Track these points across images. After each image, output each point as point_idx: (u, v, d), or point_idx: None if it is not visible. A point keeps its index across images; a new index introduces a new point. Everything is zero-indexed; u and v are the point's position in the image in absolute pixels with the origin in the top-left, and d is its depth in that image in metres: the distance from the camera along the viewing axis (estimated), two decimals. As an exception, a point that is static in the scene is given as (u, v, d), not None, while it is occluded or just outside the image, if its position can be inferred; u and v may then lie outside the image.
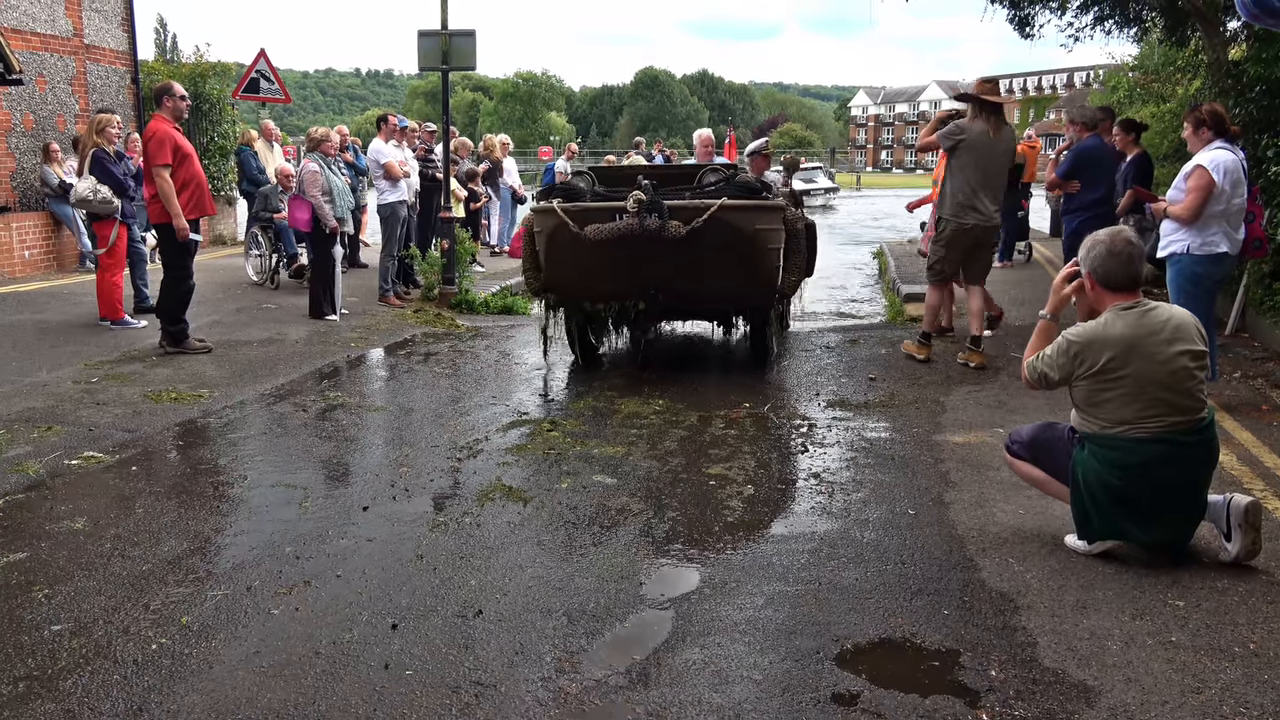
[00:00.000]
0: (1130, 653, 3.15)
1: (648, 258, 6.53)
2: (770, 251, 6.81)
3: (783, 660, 3.14)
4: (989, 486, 4.74)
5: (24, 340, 8.28)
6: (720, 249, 6.52)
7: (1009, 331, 8.79)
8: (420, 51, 10.88)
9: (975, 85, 7.63)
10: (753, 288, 6.90)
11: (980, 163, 7.28)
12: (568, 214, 6.55)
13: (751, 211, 6.58)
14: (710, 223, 6.39)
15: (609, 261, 6.62)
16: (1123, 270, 3.75)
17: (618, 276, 6.79)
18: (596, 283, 6.93)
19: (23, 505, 4.58)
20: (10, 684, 3.01)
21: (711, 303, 7.29)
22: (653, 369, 7.50)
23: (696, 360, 8.22)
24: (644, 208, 6.32)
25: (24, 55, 12.56)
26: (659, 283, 6.78)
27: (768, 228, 6.69)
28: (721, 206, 6.42)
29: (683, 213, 6.43)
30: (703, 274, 6.69)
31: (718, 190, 6.73)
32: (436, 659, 3.16)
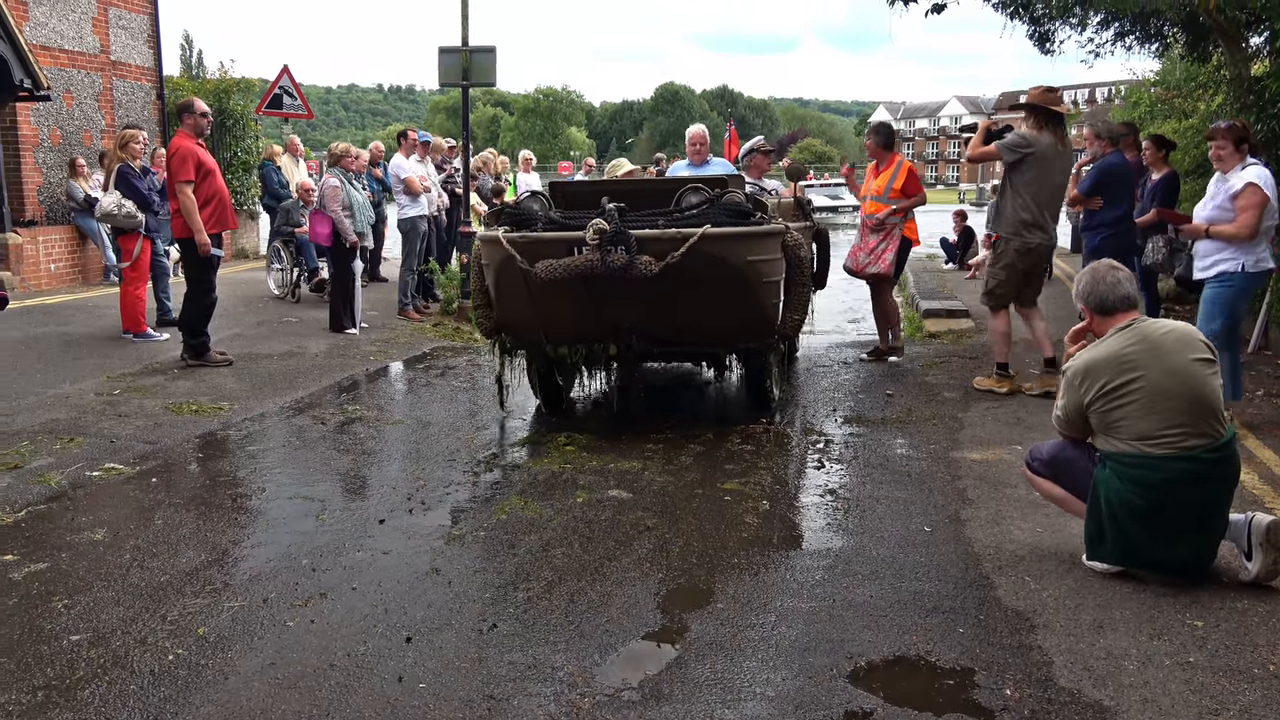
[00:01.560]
0: (1147, 673, 3.12)
1: (617, 296, 5.56)
2: (767, 286, 5.80)
3: (796, 677, 3.13)
4: (1006, 504, 4.71)
5: (49, 352, 8.38)
6: (705, 286, 5.51)
7: (1030, 346, 8.74)
8: (441, 67, 10.98)
9: (1037, 94, 6.94)
10: (746, 330, 5.89)
11: (1047, 178, 6.77)
12: (515, 246, 5.56)
13: (742, 241, 5.56)
14: (690, 256, 5.36)
15: (570, 300, 5.64)
16: (1112, 292, 3.83)
17: (582, 317, 5.79)
18: (556, 323, 5.90)
19: (45, 516, 4.63)
20: (29, 693, 3.04)
21: (697, 346, 6.24)
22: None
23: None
24: (606, 239, 5.32)
25: (52, 71, 12.75)
26: (632, 324, 5.76)
27: (763, 258, 5.70)
28: (704, 236, 5.38)
29: (656, 245, 5.40)
30: (684, 315, 5.69)
31: (700, 215, 5.62)
32: (450, 672, 3.17)
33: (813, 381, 7.62)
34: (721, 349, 6.27)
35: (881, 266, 8.01)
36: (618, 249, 5.33)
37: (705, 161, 8.24)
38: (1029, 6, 11.79)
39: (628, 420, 6.40)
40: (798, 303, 6.12)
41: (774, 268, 5.83)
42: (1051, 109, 6.83)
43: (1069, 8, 11.66)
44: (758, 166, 8.29)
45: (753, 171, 8.17)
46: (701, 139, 8.38)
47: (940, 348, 8.98)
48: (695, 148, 8.32)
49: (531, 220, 5.83)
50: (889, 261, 8.00)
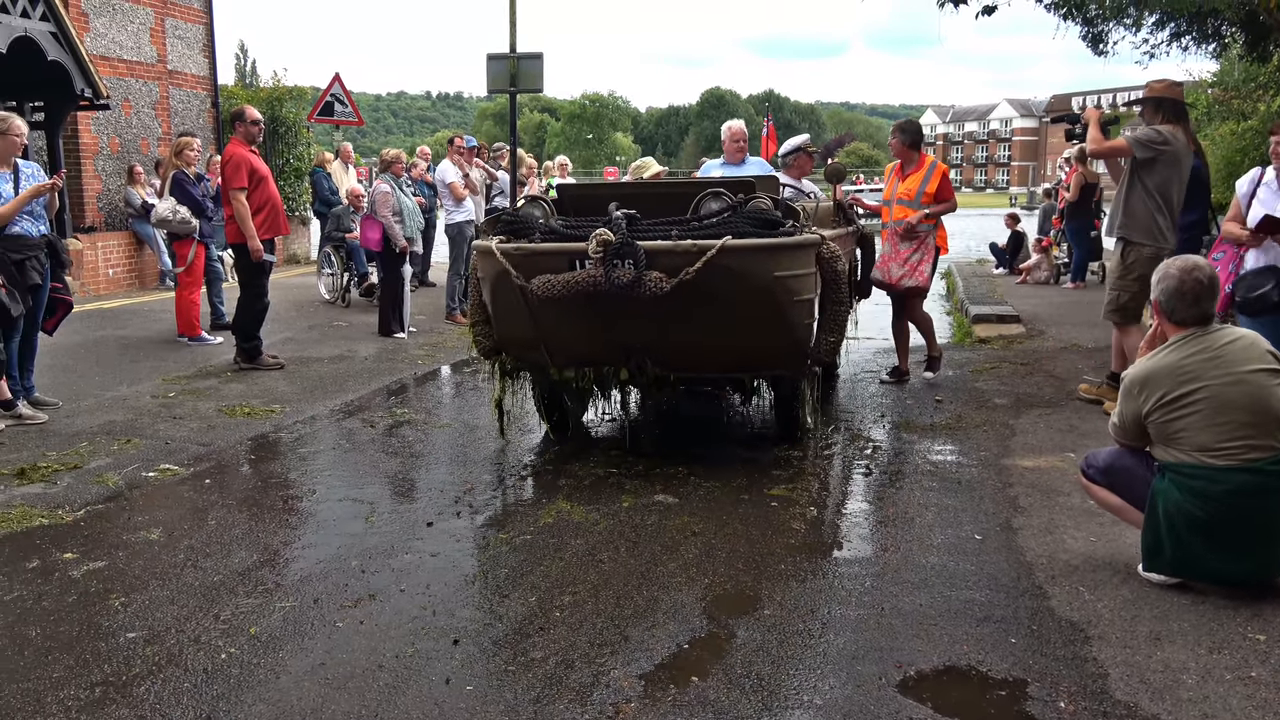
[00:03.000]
0: (1207, 687, 3.04)
1: (625, 316, 4.99)
2: (798, 305, 5.14)
3: (844, 685, 3.10)
4: (1059, 512, 4.63)
5: (106, 355, 8.57)
6: (725, 305, 4.94)
7: (1082, 353, 8.60)
8: (489, 74, 11.10)
9: (1163, 87, 6.35)
10: (774, 354, 5.28)
11: (1180, 180, 6.24)
12: (509, 258, 5.02)
13: (768, 254, 4.93)
14: (708, 271, 4.76)
15: (574, 319, 5.10)
16: (1189, 310, 3.70)
17: (588, 338, 5.23)
18: (560, 345, 5.34)
19: (102, 515, 4.73)
20: (88, 688, 3.10)
21: (719, 371, 5.52)
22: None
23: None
24: (611, 253, 4.77)
25: (111, 81, 13.05)
26: (644, 346, 5.19)
27: (794, 273, 5.05)
28: (723, 249, 4.77)
29: (668, 259, 4.81)
30: (703, 337, 5.11)
31: (720, 224, 4.99)
32: (496, 675, 3.18)
33: (860, 388, 7.55)
34: (747, 375, 5.51)
35: (919, 280, 7.39)
36: (624, 263, 4.77)
37: (743, 160, 7.71)
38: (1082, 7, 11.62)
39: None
40: (833, 323, 5.48)
41: (806, 284, 5.19)
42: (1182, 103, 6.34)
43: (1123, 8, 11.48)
44: (799, 167, 7.67)
45: (793, 172, 7.56)
46: (741, 135, 7.78)
47: (990, 353, 8.85)
48: (736, 144, 7.73)
49: (529, 229, 5.26)
50: (926, 274, 7.40)
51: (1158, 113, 6.28)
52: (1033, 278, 14.18)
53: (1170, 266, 3.76)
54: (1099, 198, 13.77)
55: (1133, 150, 6.20)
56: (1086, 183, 13.25)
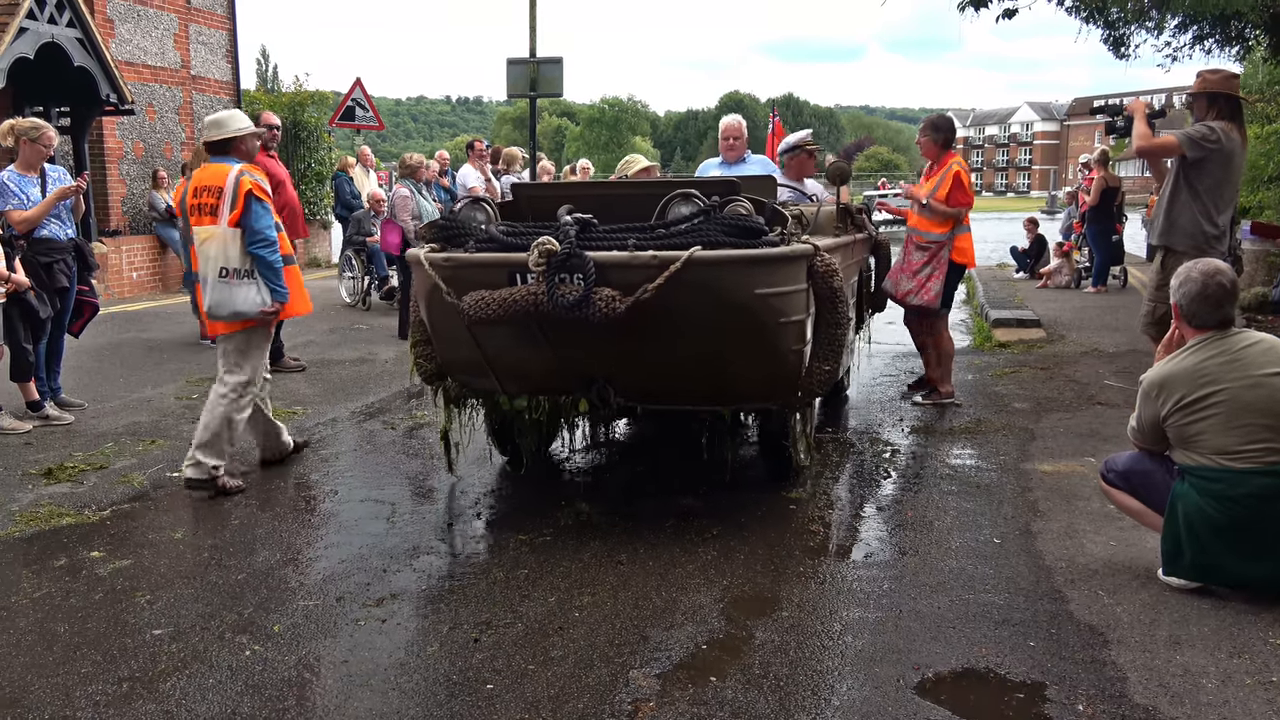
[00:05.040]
0: (1227, 692, 3.04)
1: (579, 341, 4.29)
2: (785, 328, 4.39)
3: (862, 687, 3.11)
4: (1079, 517, 4.62)
5: (131, 358, 8.67)
6: (696, 328, 4.21)
7: (1103, 358, 8.57)
8: (509, 79, 11.17)
9: (1218, 80, 5.80)
10: (756, 384, 4.56)
11: (1232, 182, 5.81)
12: (438, 271, 4.36)
13: (747, 267, 4.16)
14: (672, 288, 4.00)
15: (521, 343, 4.40)
16: (1212, 314, 3.69)
17: (539, 364, 4.53)
18: (509, 371, 4.66)
19: (128, 515, 4.79)
20: (115, 684, 3.16)
21: (694, 403, 4.73)
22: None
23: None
24: (555, 266, 4.04)
25: (135, 87, 13.21)
26: (605, 373, 4.51)
27: (779, 290, 4.29)
28: (690, 262, 4.01)
29: (624, 272, 4.07)
30: (673, 364, 4.40)
31: (689, 232, 4.22)
32: (515, 674, 3.21)
33: (879, 391, 7.54)
34: (726, 408, 4.73)
35: (925, 298, 6.64)
36: (572, 278, 4.05)
37: (741, 159, 7.07)
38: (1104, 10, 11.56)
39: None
40: (829, 349, 4.63)
41: (795, 303, 4.42)
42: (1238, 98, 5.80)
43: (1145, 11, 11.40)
44: (799, 167, 6.97)
45: (791, 172, 6.90)
46: (735, 132, 7.11)
47: (1010, 357, 8.83)
48: (728, 142, 7.08)
49: (466, 234, 4.55)
50: (934, 293, 6.64)
51: (1211, 108, 5.78)
52: (1053, 282, 14.12)
53: (1192, 270, 3.76)
54: (1120, 201, 13.71)
55: (1183, 148, 5.69)
56: (1108, 186, 13.19)
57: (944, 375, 6.97)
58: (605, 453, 5.89)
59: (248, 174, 5.12)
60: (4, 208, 6.17)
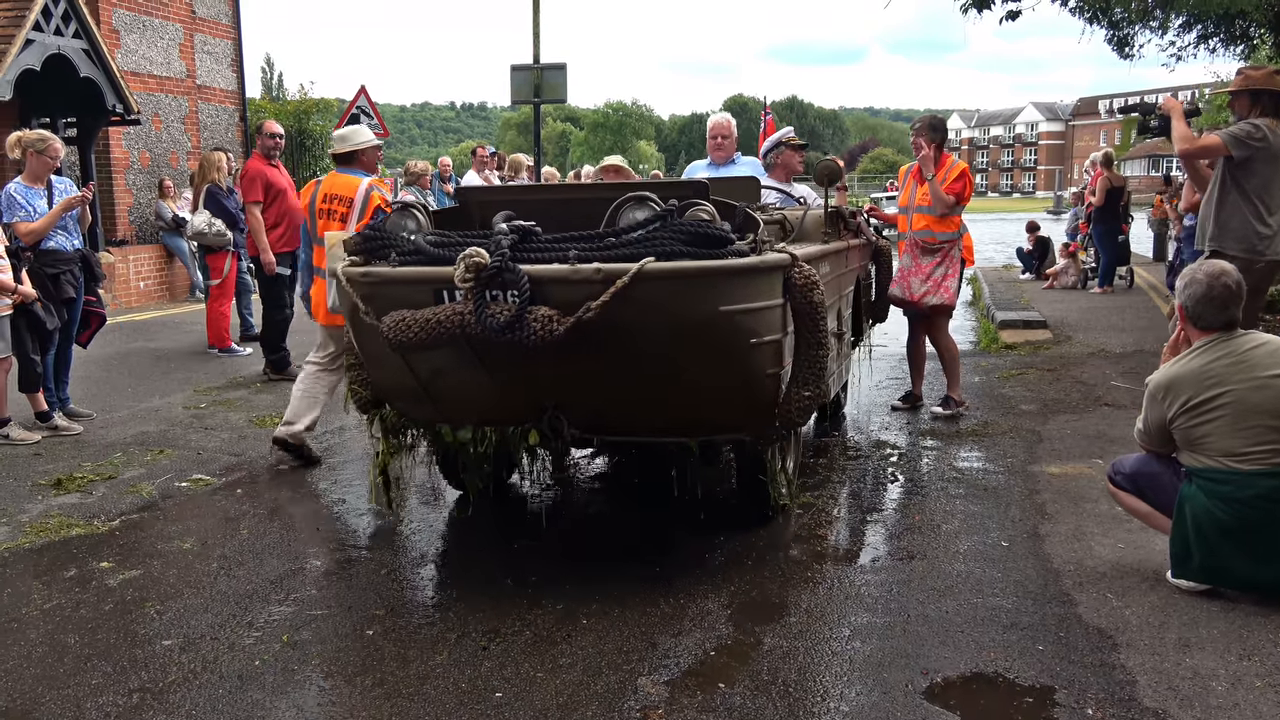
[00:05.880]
0: (1237, 694, 3.03)
1: (524, 363, 3.73)
2: (755, 350, 3.89)
3: (870, 692, 3.11)
4: (1087, 519, 4.61)
5: (139, 367, 8.70)
6: (652, 351, 3.71)
7: (1110, 359, 8.55)
8: (513, 85, 11.21)
9: (1263, 76, 5.60)
10: (726, 413, 4.06)
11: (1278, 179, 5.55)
12: (356, 288, 3.91)
13: (709, 281, 3.65)
14: (620, 306, 3.51)
15: (459, 367, 3.89)
16: (1216, 315, 3.68)
17: (481, 391, 4.00)
18: (449, 399, 4.13)
19: (137, 525, 4.81)
20: (125, 695, 3.17)
21: (657, 434, 4.23)
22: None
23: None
24: (484, 281, 3.55)
25: (141, 96, 13.26)
26: (555, 401, 3.97)
27: (747, 307, 3.79)
28: (640, 276, 3.50)
29: (564, 289, 3.58)
30: (628, 391, 3.89)
31: (642, 242, 3.65)
32: (524, 681, 3.21)
33: (884, 395, 7.54)
34: (693, 438, 4.21)
35: (944, 297, 6.54)
36: (505, 295, 3.57)
37: (730, 160, 6.70)
38: (1108, 10, 11.55)
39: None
40: (810, 371, 4.13)
41: (768, 321, 3.91)
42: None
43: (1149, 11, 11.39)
44: (786, 166, 6.56)
45: (779, 172, 6.52)
46: (723, 130, 6.73)
47: (1017, 359, 8.82)
48: (716, 141, 6.72)
49: (389, 245, 4.00)
50: (953, 290, 6.56)
51: (1254, 105, 5.58)
52: (1059, 283, 14.10)
53: (1198, 272, 3.75)
54: (1126, 201, 13.69)
55: (1229, 148, 5.47)
56: (1112, 186, 13.17)
57: (954, 380, 6.83)
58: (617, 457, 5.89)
59: (376, 189, 5.76)
60: (11, 219, 6.20)
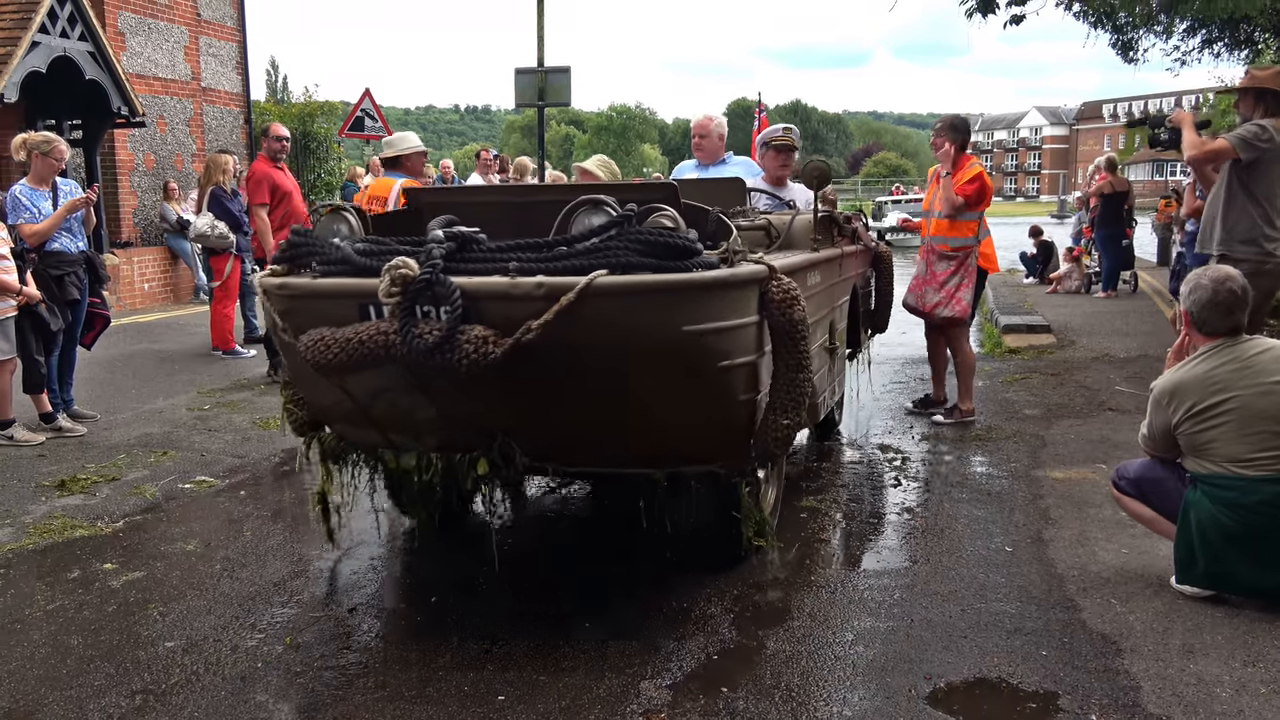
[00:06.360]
0: (1241, 701, 3.02)
1: (460, 390, 3.35)
2: (726, 374, 3.46)
3: (873, 696, 3.10)
4: (1091, 524, 4.60)
5: (143, 369, 8.72)
6: (606, 375, 3.30)
7: (1114, 363, 8.54)
8: (517, 88, 11.20)
9: (1268, 76, 5.54)
10: (693, 443, 3.61)
11: None
12: (273, 302, 3.52)
13: (670, 298, 3.20)
14: (566, 326, 3.09)
15: (395, 390, 3.49)
16: (1221, 321, 3.67)
17: (421, 416, 3.58)
18: (389, 422, 3.71)
19: (140, 526, 4.81)
20: (128, 697, 3.17)
21: (617, 465, 3.79)
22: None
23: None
24: (412, 296, 3.14)
25: (146, 99, 13.29)
26: (506, 428, 3.54)
27: (715, 327, 3.34)
28: (588, 291, 3.08)
29: (505, 305, 3.16)
30: (583, 418, 3.48)
31: (594, 251, 3.21)
32: (527, 684, 3.21)
33: (888, 399, 7.53)
34: (659, 470, 3.74)
35: (957, 309, 6.37)
36: (437, 311, 3.15)
37: (720, 160, 6.30)
38: (1112, 15, 11.55)
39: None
40: (789, 397, 3.64)
41: (741, 341, 3.48)
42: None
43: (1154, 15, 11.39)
44: (775, 167, 6.05)
45: (769, 175, 6.05)
46: (702, 129, 6.27)
47: (1021, 363, 8.81)
48: (696, 140, 6.31)
49: (312, 254, 3.52)
50: (966, 303, 6.37)
51: (1258, 105, 5.52)
52: (1063, 287, 14.09)
53: (1202, 277, 3.75)
54: (1130, 205, 13.68)
55: (1236, 151, 5.40)
56: (1114, 191, 13.17)
57: (965, 391, 6.70)
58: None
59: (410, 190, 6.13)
60: (16, 221, 6.22)
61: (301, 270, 3.56)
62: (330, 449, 4.03)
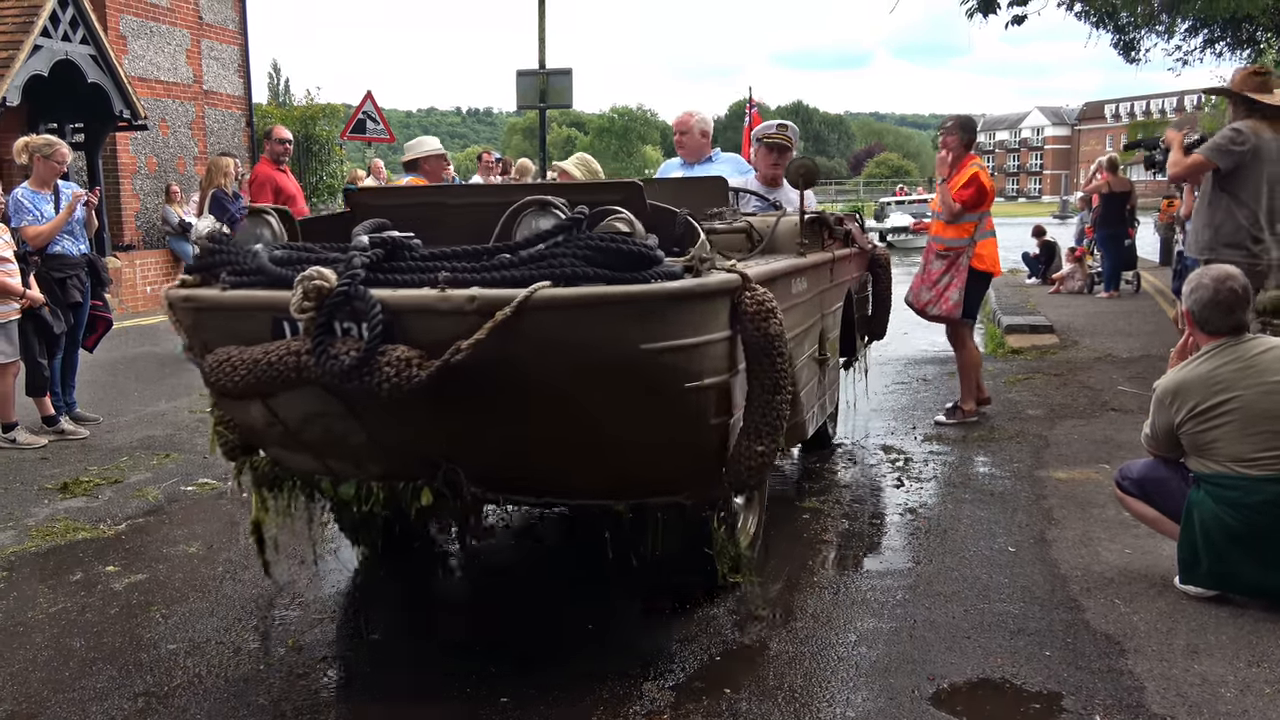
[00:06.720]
0: (1246, 701, 3.01)
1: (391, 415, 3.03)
2: (692, 396, 3.13)
3: (876, 697, 3.09)
4: (1094, 524, 4.59)
5: (146, 371, 8.73)
6: (552, 399, 2.97)
7: (1117, 364, 8.53)
8: (519, 90, 11.21)
9: (1238, 79, 5.69)
10: (658, 471, 3.29)
11: (1272, 181, 5.53)
12: (179, 316, 3.20)
13: (625, 311, 2.87)
14: (503, 346, 2.76)
15: (325, 414, 3.15)
16: (1222, 320, 3.66)
17: (358, 441, 3.23)
18: (324, 448, 3.37)
19: (143, 529, 4.81)
20: (130, 699, 3.17)
21: (572, 495, 3.52)
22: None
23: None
24: (328, 312, 2.82)
25: (148, 102, 13.31)
26: (449, 455, 3.21)
27: (678, 344, 3.00)
28: (528, 306, 2.74)
29: (432, 321, 2.84)
30: (530, 446, 3.18)
31: (538, 260, 2.88)
32: (529, 685, 3.20)
33: (892, 399, 7.53)
34: (620, 501, 3.43)
35: (944, 308, 6.37)
36: (359, 329, 2.83)
37: (706, 158, 5.97)
38: (1114, 15, 11.55)
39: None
40: (765, 421, 3.27)
41: (709, 359, 3.15)
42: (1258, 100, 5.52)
43: (1155, 15, 11.39)
44: (767, 166, 5.70)
45: (761, 175, 5.77)
46: (683, 125, 5.94)
47: (1023, 364, 8.80)
48: (678, 138, 6.00)
49: (223, 263, 3.18)
50: (953, 302, 6.35)
51: (1238, 107, 5.66)
52: (1066, 287, 14.08)
53: (1204, 276, 3.74)
54: (1132, 205, 13.67)
55: (1214, 162, 5.52)
56: (1113, 191, 13.16)
57: (967, 391, 6.66)
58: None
59: None
60: (19, 224, 6.23)
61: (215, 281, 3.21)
62: (264, 475, 3.67)
